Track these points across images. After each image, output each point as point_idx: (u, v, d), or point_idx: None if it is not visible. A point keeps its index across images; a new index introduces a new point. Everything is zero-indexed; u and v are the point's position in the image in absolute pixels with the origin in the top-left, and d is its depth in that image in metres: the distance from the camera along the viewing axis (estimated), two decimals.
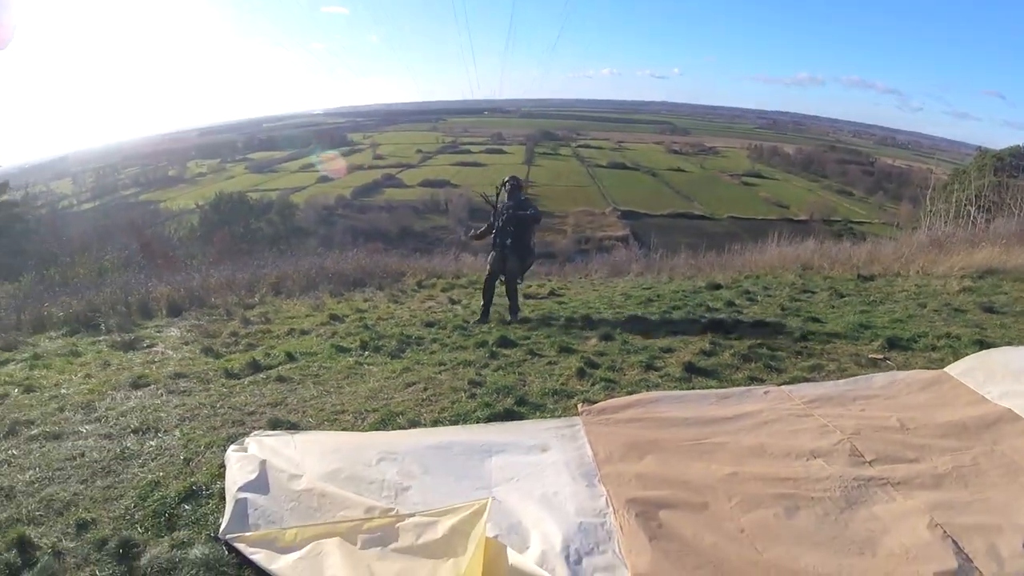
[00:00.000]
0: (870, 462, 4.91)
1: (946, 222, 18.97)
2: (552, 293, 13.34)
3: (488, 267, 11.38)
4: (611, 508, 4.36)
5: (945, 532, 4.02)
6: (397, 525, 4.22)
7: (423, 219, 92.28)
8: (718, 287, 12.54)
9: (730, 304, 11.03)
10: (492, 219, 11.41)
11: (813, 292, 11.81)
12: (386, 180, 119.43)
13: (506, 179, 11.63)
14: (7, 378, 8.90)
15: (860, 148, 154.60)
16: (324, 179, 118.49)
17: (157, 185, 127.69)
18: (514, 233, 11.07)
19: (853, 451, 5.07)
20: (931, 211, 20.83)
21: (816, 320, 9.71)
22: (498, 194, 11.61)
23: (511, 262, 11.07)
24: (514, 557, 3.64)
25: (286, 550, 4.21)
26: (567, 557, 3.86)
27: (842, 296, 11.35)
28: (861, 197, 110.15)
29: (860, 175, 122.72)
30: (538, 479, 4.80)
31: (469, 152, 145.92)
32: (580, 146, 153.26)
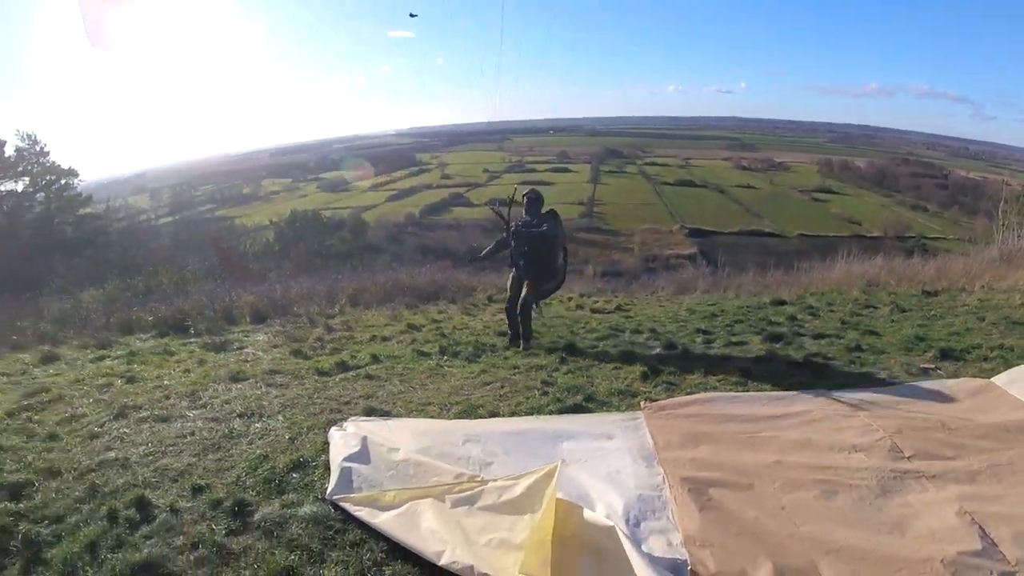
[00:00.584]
0: (908, 457, 5.39)
1: (1019, 236, 18.61)
2: (619, 308, 13.77)
3: (507, 289, 10.91)
4: (667, 484, 5.06)
5: (973, 519, 4.48)
6: (481, 488, 4.99)
7: (490, 237, 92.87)
8: (782, 303, 12.78)
9: (792, 319, 11.31)
10: (503, 235, 10.69)
11: (875, 307, 12.00)
12: (453, 199, 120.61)
13: (524, 192, 10.73)
14: (108, 370, 9.98)
15: (933, 161, 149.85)
16: (394, 198, 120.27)
17: (232, 202, 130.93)
18: (528, 254, 10.27)
19: (893, 447, 5.55)
20: (1003, 225, 20.33)
21: (873, 333, 10.01)
22: (509, 205, 10.88)
23: (526, 286, 10.37)
24: (586, 513, 4.30)
25: (386, 508, 4.99)
26: (627, 520, 4.57)
27: (903, 311, 11.55)
28: (935, 212, 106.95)
29: (934, 189, 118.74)
30: (603, 461, 5.52)
31: (535, 171, 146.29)
32: (646, 164, 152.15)
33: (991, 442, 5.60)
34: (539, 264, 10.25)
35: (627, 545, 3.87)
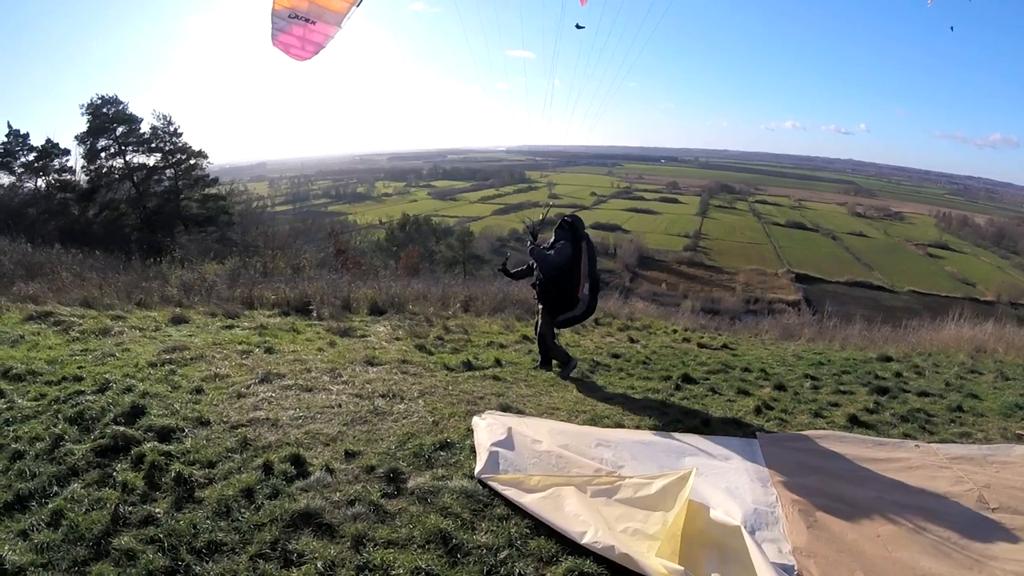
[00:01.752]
0: (993, 508, 5.83)
1: None
2: (725, 346, 14.00)
3: (536, 314, 10.51)
4: (779, 503, 5.67)
5: None
6: (619, 483, 5.63)
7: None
8: (888, 359, 12.80)
9: (897, 375, 11.40)
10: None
11: (980, 373, 11.97)
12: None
13: (566, 216, 10.06)
14: (244, 339, 10.86)
15: None
16: (500, 212, 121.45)
17: (346, 199, 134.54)
18: (540, 279, 9.96)
19: (980, 499, 5.99)
20: None
21: (975, 397, 10.12)
22: (543, 220, 10.61)
23: (542, 313, 10.14)
24: (713, 513, 4.85)
25: (531, 491, 5.60)
26: (745, 527, 5.02)
27: (1007, 379, 11.50)
28: None
29: None
30: (722, 477, 6.14)
31: (643, 199, 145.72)
32: (758, 201, 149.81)
33: None
34: (549, 290, 9.87)
35: (750, 544, 4.36)
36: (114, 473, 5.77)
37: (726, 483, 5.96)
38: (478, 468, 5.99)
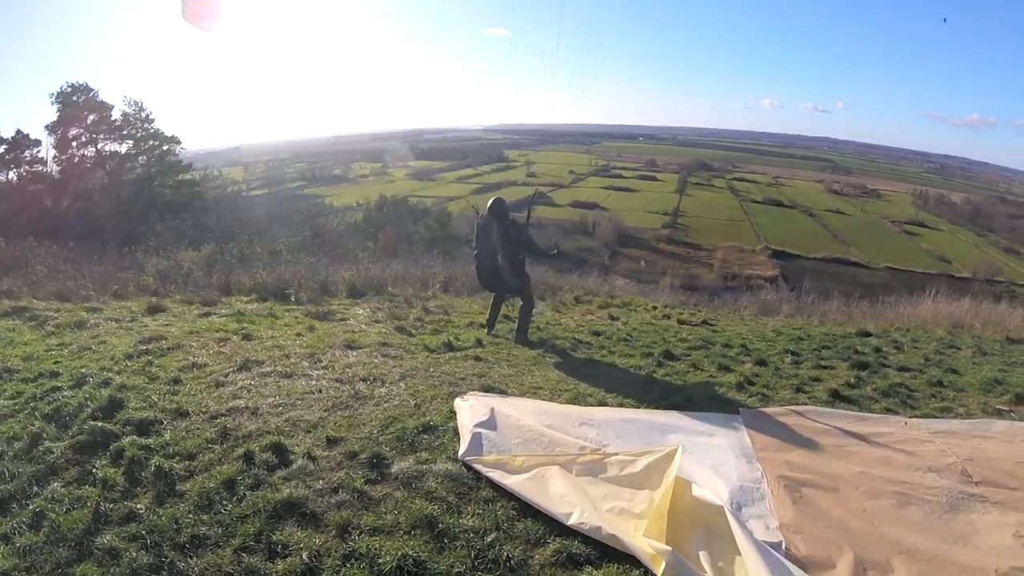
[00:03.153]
0: (976, 483, 5.90)
1: None
2: (705, 322, 14.07)
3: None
4: (765, 479, 5.70)
5: None
6: (604, 460, 5.65)
7: (570, 239, 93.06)
8: (867, 335, 12.89)
9: (877, 350, 11.48)
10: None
11: (958, 348, 12.09)
12: (537, 198, 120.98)
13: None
14: (221, 326, 10.73)
15: None
16: (479, 191, 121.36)
17: (322, 182, 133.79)
18: (514, 258, 10.97)
19: (963, 472, 6.07)
20: None
21: (955, 372, 10.21)
22: (531, 208, 12.51)
23: (524, 287, 11.31)
24: (696, 490, 4.88)
25: (515, 472, 5.59)
26: (731, 505, 5.10)
27: (985, 354, 11.64)
28: None
29: None
30: (707, 454, 6.16)
31: (621, 177, 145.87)
32: (735, 179, 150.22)
33: None
34: (515, 267, 10.98)
35: (733, 524, 4.34)
36: (94, 470, 5.70)
37: (711, 460, 5.99)
38: (462, 450, 5.96)
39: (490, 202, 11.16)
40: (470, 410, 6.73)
